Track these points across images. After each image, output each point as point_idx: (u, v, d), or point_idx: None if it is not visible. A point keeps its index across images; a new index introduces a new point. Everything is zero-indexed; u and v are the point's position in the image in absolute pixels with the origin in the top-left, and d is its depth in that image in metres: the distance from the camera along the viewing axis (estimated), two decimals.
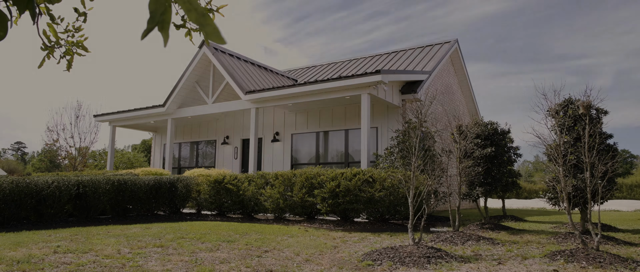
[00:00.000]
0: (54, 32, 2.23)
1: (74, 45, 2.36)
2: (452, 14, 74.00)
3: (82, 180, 9.09)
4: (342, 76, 11.10)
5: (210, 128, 17.37)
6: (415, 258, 4.88)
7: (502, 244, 6.43)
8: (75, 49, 2.38)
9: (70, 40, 2.37)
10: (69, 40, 2.37)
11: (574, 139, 6.19)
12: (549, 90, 6.81)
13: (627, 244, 6.40)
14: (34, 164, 46.94)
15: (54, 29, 2.22)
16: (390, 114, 12.87)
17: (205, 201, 10.78)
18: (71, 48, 2.37)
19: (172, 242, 6.17)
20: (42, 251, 5.18)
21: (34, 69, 73.47)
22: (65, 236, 6.65)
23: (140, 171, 12.92)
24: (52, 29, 2.21)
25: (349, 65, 18.36)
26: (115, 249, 5.50)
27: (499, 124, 9.76)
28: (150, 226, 8.33)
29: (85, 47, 2.37)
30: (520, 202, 24.16)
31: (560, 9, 70.56)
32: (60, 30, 2.31)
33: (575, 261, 4.68)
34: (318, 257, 5.24)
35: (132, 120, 16.60)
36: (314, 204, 9.12)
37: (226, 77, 13.60)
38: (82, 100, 44.42)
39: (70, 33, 2.37)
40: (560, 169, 4.98)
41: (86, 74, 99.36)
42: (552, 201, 7.39)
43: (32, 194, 8.14)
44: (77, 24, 2.35)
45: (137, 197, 10.05)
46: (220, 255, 5.28)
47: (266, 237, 6.95)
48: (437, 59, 14.96)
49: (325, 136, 14.19)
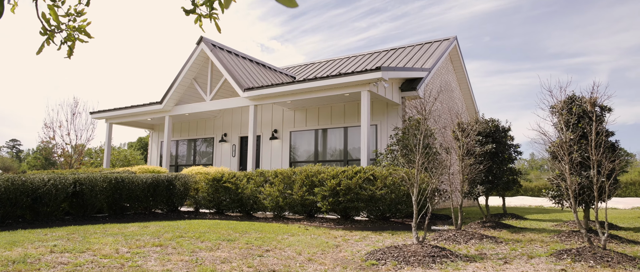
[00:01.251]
0: (54, 15, 2.07)
1: (76, 31, 2.21)
2: (449, 11, 73.99)
3: (79, 178, 8.95)
4: (342, 73, 11.00)
5: (208, 125, 17.24)
6: (420, 257, 4.79)
7: (506, 242, 6.36)
8: (77, 34, 2.22)
9: (71, 24, 2.22)
10: (70, 24, 2.21)
11: (578, 136, 6.12)
12: (555, 87, 6.73)
13: (631, 242, 6.34)
14: (29, 162, 46.63)
15: (55, 11, 2.07)
16: (390, 112, 12.78)
17: (203, 199, 10.67)
18: (72, 33, 2.21)
19: (171, 241, 6.06)
20: (38, 251, 5.06)
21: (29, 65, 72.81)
22: (61, 234, 6.53)
23: (138, 169, 12.78)
24: (53, 12, 2.05)
25: (347, 62, 18.25)
26: (113, 248, 5.39)
27: (500, 121, 9.69)
28: (148, 225, 8.22)
29: (88, 32, 2.21)
30: (517, 199, 24.17)
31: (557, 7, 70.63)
32: (60, 13, 2.15)
33: (583, 260, 4.61)
34: (320, 257, 5.15)
35: (129, 118, 16.45)
36: (315, 203, 9.03)
37: (224, 74, 13.47)
38: (78, 97, 44.13)
39: (71, 17, 2.21)
40: (567, 167, 4.91)
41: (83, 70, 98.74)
42: (555, 199, 7.32)
43: (28, 192, 8.00)
44: (80, 7, 2.20)
45: (134, 195, 9.92)
46: (220, 254, 5.18)
47: (266, 235, 6.85)
48: (436, 56, 14.87)
49: (324, 134, 14.09)
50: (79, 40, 2.25)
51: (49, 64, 69.78)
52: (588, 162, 6.13)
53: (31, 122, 70.28)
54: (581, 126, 6.22)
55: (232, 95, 16.27)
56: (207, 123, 17.27)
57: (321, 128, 14.12)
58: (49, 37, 2.12)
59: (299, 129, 14.58)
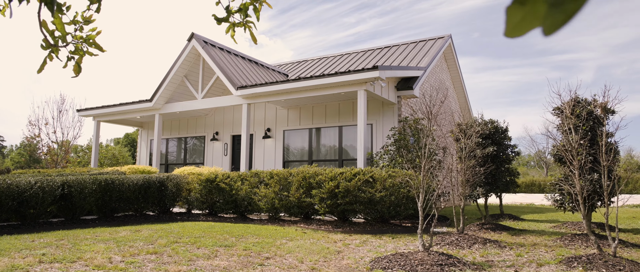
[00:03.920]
0: (59, 24, 1.74)
1: (84, 42, 1.89)
2: (439, 7, 74.03)
3: (68, 180, 8.63)
4: (339, 72, 10.79)
5: (199, 123, 16.91)
6: (427, 266, 4.64)
7: (510, 247, 6.24)
8: (85, 46, 1.90)
9: (78, 35, 1.92)
10: (77, 35, 1.91)
11: (583, 139, 6.01)
12: (562, 88, 6.62)
13: (636, 246, 6.27)
14: (13, 158, 45.56)
15: (60, 20, 1.73)
16: (386, 111, 12.62)
17: (196, 200, 10.40)
18: (81, 46, 1.91)
19: (166, 248, 5.83)
20: (26, 261, 4.79)
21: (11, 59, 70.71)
22: (50, 241, 6.24)
23: (127, 169, 12.45)
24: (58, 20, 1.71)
25: (341, 60, 18.04)
26: (106, 257, 5.13)
27: (499, 122, 9.59)
28: (140, 228, 7.95)
29: (99, 44, 1.90)
30: (508, 196, 24.28)
31: None
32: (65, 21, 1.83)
33: (595, 268, 4.50)
34: (324, 265, 4.97)
35: (118, 116, 16.04)
36: (312, 205, 8.83)
37: (217, 71, 13.17)
38: (65, 94, 43.17)
39: (78, 25, 1.92)
40: (576, 172, 4.79)
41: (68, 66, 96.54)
42: (557, 203, 7.22)
43: (13, 195, 7.67)
44: (88, 14, 1.89)
45: (125, 197, 9.62)
46: (219, 263, 4.96)
47: (264, 240, 6.64)
48: (431, 54, 14.74)
49: (318, 133, 13.89)
50: (87, 53, 1.93)
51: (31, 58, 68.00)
52: (592, 165, 6.03)
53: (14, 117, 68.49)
54: (585, 129, 6.12)
55: (224, 93, 15.96)
56: (198, 121, 16.94)
57: (315, 127, 13.91)
58: (53, 51, 1.80)
59: (293, 128, 14.36)
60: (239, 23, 1.96)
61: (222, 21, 1.89)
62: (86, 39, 1.89)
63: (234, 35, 1.99)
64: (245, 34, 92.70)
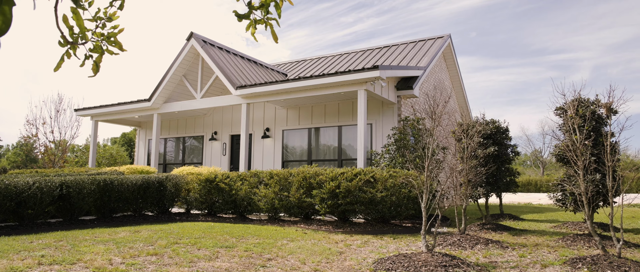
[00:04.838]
0: (79, 20, 1.65)
1: (105, 40, 1.81)
2: (437, 6, 73.92)
3: (66, 180, 8.56)
4: (339, 72, 10.75)
5: (197, 123, 16.84)
6: (431, 267, 4.60)
7: (512, 248, 6.21)
8: (105, 44, 1.82)
9: (99, 32, 1.83)
10: (98, 32, 1.83)
11: (587, 139, 5.99)
12: (567, 88, 6.57)
13: (638, 247, 6.25)
14: (9, 158, 45.32)
15: (80, 16, 1.64)
16: (385, 111, 12.58)
17: (195, 200, 10.34)
18: (101, 44, 1.86)
19: (166, 249, 5.77)
20: (24, 263, 4.73)
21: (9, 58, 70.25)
22: (49, 242, 6.17)
23: (126, 169, 12.37)
24: (78, 16, 1.63)
25: (340, 59, 18.00)
26: (106, 258, 5.08)
27: (500, 122, 9.56)
28: (140, 229, 7.88)
29: (120, 43, 1.82)
30: (506, 196, 24.28)
31: (542, 3, 71.25)
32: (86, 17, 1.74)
33: (600, 269, 4.47)
34: (326, 266, 4.92)
35: (116, 115, 15.95)
36: (312, 205, 8.79)
37: (216, 71, 13.10)
38: (63, 93, 42.93)
39: (100, 22, 1.85)
40: (581, 172, 4.76)
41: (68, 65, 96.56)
42: (560, 203, 7.20)
43: (11, 196, 7.59)
44: (111, 10, 1.81)
45: (123, 197, 9.55)
46: (221, 265, 4.91)
47: (265, 241, 6.59)
48: (431, 54, 14.71)
49: (317, 132, 13.84)
50: (107, 52, 1.86)
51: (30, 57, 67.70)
52: (596, 165, 6.01)
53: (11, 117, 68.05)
54: (588, 129, 6.09)
55: (223, 92, 15.89)
56: (196, 121, 16.86)
57: (314, 127, 13.86)
58: (71, 49, 1.71)
59: (292, 128, 14.31)
60: (260, 20, 1.90)
61: (243, 18, 1.83)
62: (107, 36, 1.82)
63: (255, 33, 1.93)
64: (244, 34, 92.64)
